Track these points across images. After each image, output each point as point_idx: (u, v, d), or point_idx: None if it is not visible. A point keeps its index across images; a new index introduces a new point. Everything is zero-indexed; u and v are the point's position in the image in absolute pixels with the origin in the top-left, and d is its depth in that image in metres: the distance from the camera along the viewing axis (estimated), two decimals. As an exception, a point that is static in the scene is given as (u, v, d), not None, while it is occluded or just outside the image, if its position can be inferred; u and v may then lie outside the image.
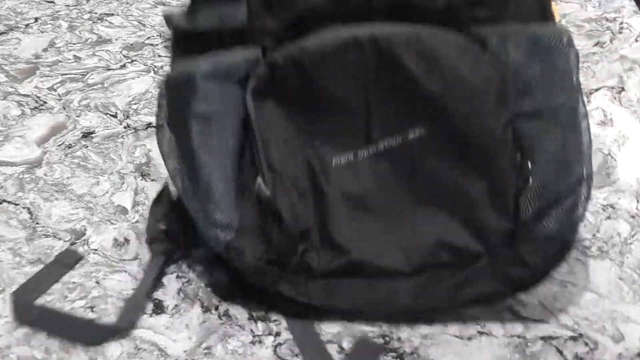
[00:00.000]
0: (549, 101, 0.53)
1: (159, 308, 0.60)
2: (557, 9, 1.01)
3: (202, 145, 0.54)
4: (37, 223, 0.67)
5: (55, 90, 0.85)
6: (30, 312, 0.58)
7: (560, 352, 0.55)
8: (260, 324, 0.58)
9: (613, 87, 0.87)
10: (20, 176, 0.72)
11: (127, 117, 0.81)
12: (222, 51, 0.55)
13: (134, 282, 0.62)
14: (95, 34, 0.96)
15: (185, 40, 0.56)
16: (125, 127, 0.79)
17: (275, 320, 0.59)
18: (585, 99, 0.85)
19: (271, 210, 0.54)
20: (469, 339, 0.56)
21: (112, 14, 1.01)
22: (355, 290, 0.55)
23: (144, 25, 0.99)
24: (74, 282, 0.61)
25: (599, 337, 0.57)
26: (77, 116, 0.81)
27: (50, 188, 0.71)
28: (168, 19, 0.57)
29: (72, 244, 0.65)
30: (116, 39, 0.95)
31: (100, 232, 0.66)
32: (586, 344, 0.56)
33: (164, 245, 0.61)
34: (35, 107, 0.82)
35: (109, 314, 0.59)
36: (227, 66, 0.54)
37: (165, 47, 0.67)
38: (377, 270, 0.55)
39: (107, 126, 0.80)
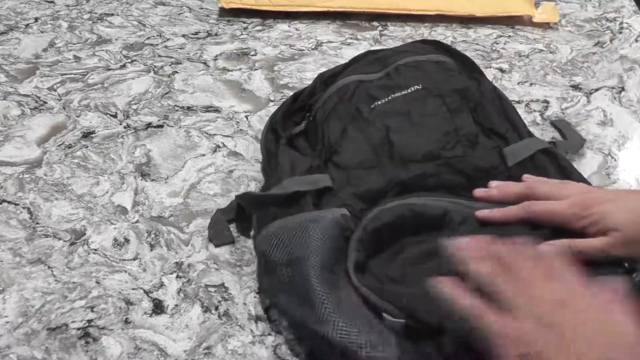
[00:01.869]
0: None
1: (158, 308, 0.60)
2: (557, 9, 1.01)
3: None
4: (37, 223, 0.67)
5: (55, 90, 0.85)
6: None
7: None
8: (260, 324, 0.58)
9: (613, 87, 0.87)
10: (20, 176, 0.72)
11: (127, 117, 0.81)
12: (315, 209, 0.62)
13: (134, 282, 0.62)
14: (95, 34, 0.96)
15: (279, 203, 0.63)
16: (125, 127, 0.79)
17: (275, 321, 0.59)
18: (585, 98, 0.86)
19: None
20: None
21: (112, 14, 1.01)
22: None
23: (144, 25, 0.99)
24: (74, 282, 0.61)
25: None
26: (77, 116, 0.81)
27: (50, 188, 0.71)
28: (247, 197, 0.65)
29: (72, 244, 0.65)
30: (116, 39, 0.95)
31: (100, 232, 0.66)
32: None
33: None
34: (35, 107, 0.82)
35: (109, 314, 0.59)
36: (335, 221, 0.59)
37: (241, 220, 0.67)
38: None
39: (107, 126, 0.80)
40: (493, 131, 0.70)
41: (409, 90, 0.72)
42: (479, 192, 0.63)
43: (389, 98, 0.71)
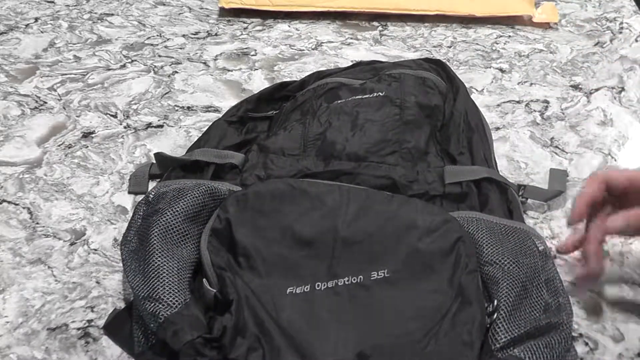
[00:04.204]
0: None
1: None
2: (557, 9, 1.01)
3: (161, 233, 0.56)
4: (37, 223, 0.67)
5: (55, 90, 0.85)
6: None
7: (560, 352, 0.55)
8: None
9: (613, 87, 0.87)
10: (20, 176, 0.72)
11: (127, 117, 0.81)
12: (211, 180, 0.64)
13: (134, 282, 0.62)
14: (95, 34, 0.96)
15: (181, 167, 0.68)
16: (125, 127, 0.79)
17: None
18: (585, 99, 0.86)
19: (215, 309, 0.53)
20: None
21: (112, 14, 1.01)
22: None
23: (144, 25, 0.99)
24: (74, 282, 0.61)
25: (599, 337, 0.57)
26: (77, 116, 0.81)
27: (50, 188, 0.71)
28: (160, 156, 0.70)
29: (72, 244, 0.65)
30: (116, 39, 0.95)
31: (100, 232, 0.66)
32: (586, 344, 0.56)
33: None
34: (35, 107, 0.82)
35: (109, 314, 0.59)
36: (213, 190, 0.60)
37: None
38: None
39: (107, 126, 0.80)
40: (446, 152, 0.69)
41: (370, 95, 0.71)
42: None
43: (349, 99, 0.71)
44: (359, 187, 0.61)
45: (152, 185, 0.70)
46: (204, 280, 0.54)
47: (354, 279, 0.53)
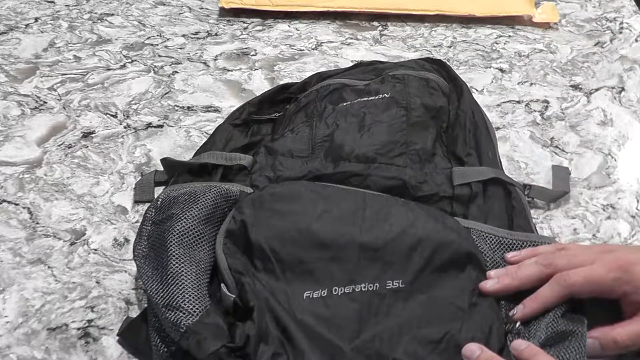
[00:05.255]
0: None
1: (159, 308, 0.60)
2: (557, 9, 1.02)
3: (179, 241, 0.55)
4: (37, 223, 0.67)
5: (55, 90, 0.85)
6: None
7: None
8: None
9: (613, 87, 0.87)
10: (20, 176, 0.72)
11: (127, 117, 0.81)
12: (221, 182, 0.63)
13: (133, 282, 0.62)
14: (95, 34, 0.96)
15: (189, 171, 0.67)
16: (125, 127, 0.79)
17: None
18: (585, 98, 0.86)
19: (234, 314, 0.52)
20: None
21: (112, 14, 1.01)
22: None
23: (144, 25, 0.99)
24: (74, 282, 0.61)
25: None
26: (77, 116, 0.81)
27: (50, 188, 0.71)
28: (167, 162, 0.69)
29: (72, 244, 0.65)
30: (116, 39, 0.95)
31: (100, 232, 0.66)
32: (586, 344, 0.56)
33: None
34: (35, 107, 0.82)
35: (109, 314, 0.59)
36: (225, 191, 0.60)
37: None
38: None
39: (107, 126, 0.80)
40: (453, 154, 0.68)
41: (376, 97, 0.71)
42: (486, 284, 0.55)
43: (355, 101, 0.71)
44: (375, 193, 0.61)
45: (156, 192, 0.70)
46: (222, 285, 0.53)
47: (370, 286, 0.53)
